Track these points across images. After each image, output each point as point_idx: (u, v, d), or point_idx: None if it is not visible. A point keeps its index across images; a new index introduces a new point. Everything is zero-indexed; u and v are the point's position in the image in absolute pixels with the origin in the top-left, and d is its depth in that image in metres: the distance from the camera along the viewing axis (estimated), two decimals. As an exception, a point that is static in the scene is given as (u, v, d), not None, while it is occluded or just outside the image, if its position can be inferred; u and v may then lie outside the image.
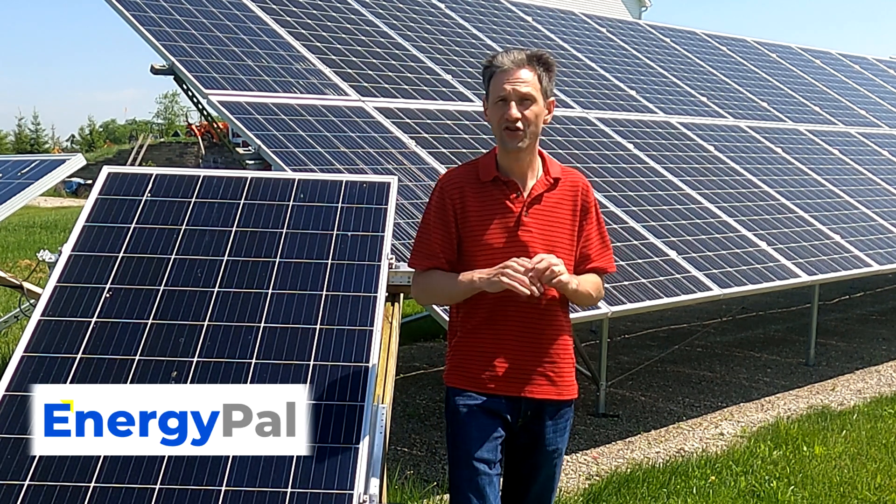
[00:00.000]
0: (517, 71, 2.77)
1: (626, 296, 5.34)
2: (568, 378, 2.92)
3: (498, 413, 2.81)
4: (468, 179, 2.87)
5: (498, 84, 2.78)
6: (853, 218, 8.12)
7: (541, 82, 2.80)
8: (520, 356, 2.81)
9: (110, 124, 61.70)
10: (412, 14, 7.96)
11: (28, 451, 2.46)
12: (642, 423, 6.07)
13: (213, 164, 30.20)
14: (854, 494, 4.75)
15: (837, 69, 12.63)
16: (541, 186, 2.86)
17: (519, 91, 2.75)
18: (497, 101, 2.78)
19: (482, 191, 2.84)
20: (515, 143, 2.79)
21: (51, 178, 4.44)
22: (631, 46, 9.79)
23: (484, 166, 2.88)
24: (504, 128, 2.78)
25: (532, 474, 2.92)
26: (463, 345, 2.86)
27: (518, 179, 2.85)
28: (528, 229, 2.80)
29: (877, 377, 7.40)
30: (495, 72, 2.79)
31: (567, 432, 2.95)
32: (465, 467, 2.80)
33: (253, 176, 3.36)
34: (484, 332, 2.82)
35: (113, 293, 2.88)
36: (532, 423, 2.86)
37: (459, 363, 2.86)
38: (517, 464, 2.93)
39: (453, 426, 2.85)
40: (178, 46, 5.81)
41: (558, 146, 6.79)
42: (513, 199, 2.83)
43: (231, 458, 2.48)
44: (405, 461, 5.22)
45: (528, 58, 2.80)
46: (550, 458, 2.90)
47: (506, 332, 2.80)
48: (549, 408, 2.87)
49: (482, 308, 2.80)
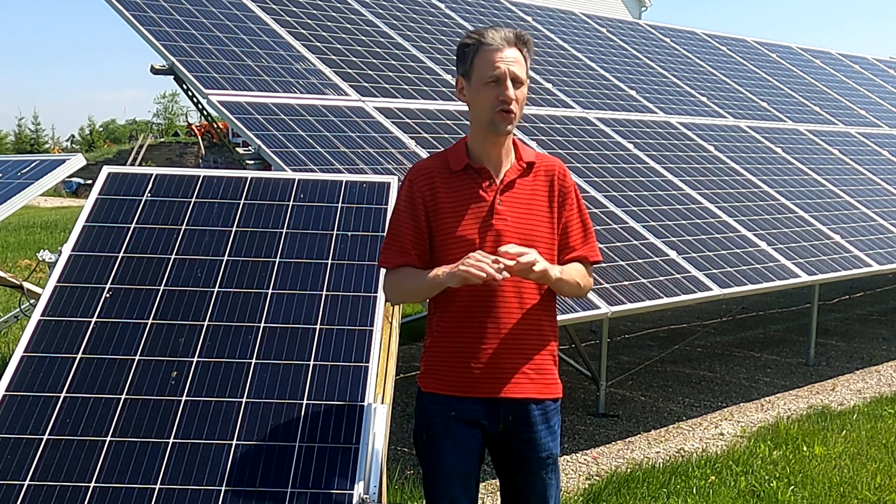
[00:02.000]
0: (507, 49, 2.61)
1: (626, 296, 5.34)
2: (550, 376, 2.74)
3: (474, 421, 2.66)
4: (438, 170, 2.71)
5: (489, 62, 2.60)
6: (853, 218, 8.12)
7: (526, 63, 2.67)
8: (497, 355, 2.63)
9: (110, 124, 61.65)
10: (412, 14, 7.96)
11: (28, 450, 2.46)
12: (642, 423, 6.07)
13: (213, 164, 30.19)
14: (854, 494, 4.75)
15: (837, 69, 12.63)
16: (514, 172, 2.70)
17: (513, 71, 2.60)
18: (489, 80, 2.60)
19: (453, 180, 2.69)
20: (506, 125, 2.63)
21: (51, 178, 4.44)
22: (631, 46, 9.79)
23: (454, 155, 2.73)
24: (499, 109, 2.60)
25: (529, 482, 2.75)
26: (437, 346, 2.70)
27: (491, 167, 2.69)
28: (502, 217, 2.65)
29: (877, 377, 7.40)
30: (483, 49, 2.61)
31: (558, 436, 2.78)
32: (443, 479, 2.67)
33: (253, 176, 3.36)
34: (458, 331, 2.65)
35: (113, 293, 2.88)
36: (522, 430, 2.70)
37: (433, 366, 2.70)
38: (512, 475, 2.77)
39: (428, 436, 2.69)
40: (178, 46, 5.81)
41: (558, 146, 6.79)
42: (485, 186, 2.66)
43: (231, 457, 2.48)
44: (405, 461, 5.22)
45: (516, 37, 2.65)
46: (544, 464, 2.73)
47: (481, 330, 2.63)
48: (534, 409, 2.69)
49: (456, 306, 2.65)
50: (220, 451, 2.50)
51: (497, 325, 2.65)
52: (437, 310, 2.71)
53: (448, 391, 2.66)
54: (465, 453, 2.66)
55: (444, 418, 2.66)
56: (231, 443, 2.52)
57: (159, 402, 2.60)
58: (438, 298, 2.68)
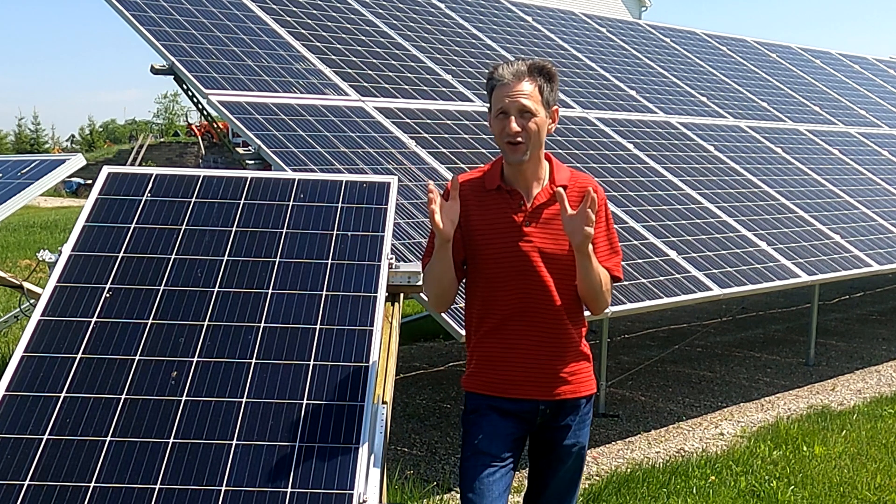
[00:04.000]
0: (517, 84, 2.77)
1: (626, 296, 5.34)
2: (583, 375, 2.94)
3: (513, 413, 2.85)
4: (473, 187, 2.88)
5: (498, 97, 2.79)
6: (853, 218, 8.12)
7: (542, 93, 2.79)
8: (536, 361, 2.84)
9: (110, 124, 61.65)
10: (412, 14, 7.96)
11: (28, 450, 2.46)
12: (642, 423, 6.07)
13: (213, 164, 30.20)
14: (854, 494, 4.75)
15: (837, 69, 12.63)
16: (544, 196, 2.85)
17: (519, 104, 2.75)
18: (498, 114, 2.79)
19: (486, 200, 2.85)
20: (517, 156, 2.79)
21: (51, 178, 4.43)
22: (631, 46, 9.79)
23: (489, 174, 2.89)
24: (505, 142, 2.79)
25: (552, 467, 2.94)
26: (479, 350, 2.90)
27: (522, 189, 2.85)
28: (529, 240, 2.81)
29: (877, 377, 7.40)
30: (496, 84, 2.80)
31: (587, 426, 2.97)
32: (471, 458, 2.84)
33: (253, 176, 3.35)
34: (498, 336, 2.85)
35: (113, 293, 2.88)
36: (552, 421, 2.90)
37: (476, 369, 2.90)
38: (537, 460, 2.98)
39: (466, 424, 2.90)
40: (178, 46, 5.81)
41: (558, 146, 6.79)
42: (515, 208, 2.83)
43: (231, 457, 2.48)
44: (405, 461, 5.22)
45: (530, 69, 2.79)
46: (570, 451, 2.92)
47: (520, 336, 2.83)
48: (568, 405, 2.89)
49: (496, 313, 2.84)
50: (220, 451, 2.50)
51: (536, 331, 2.83)
52: (475, 313, 2.90)
53: (488, 391, 2.87)
54: (497, 437, 2.83)
55: (481, 407, 2.87)
56: (231, 443, 2.52)
57: (159, 402, 2.60)
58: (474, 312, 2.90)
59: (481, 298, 2.88)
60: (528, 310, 2.82)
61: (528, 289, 2.82)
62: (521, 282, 2.81)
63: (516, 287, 2.82)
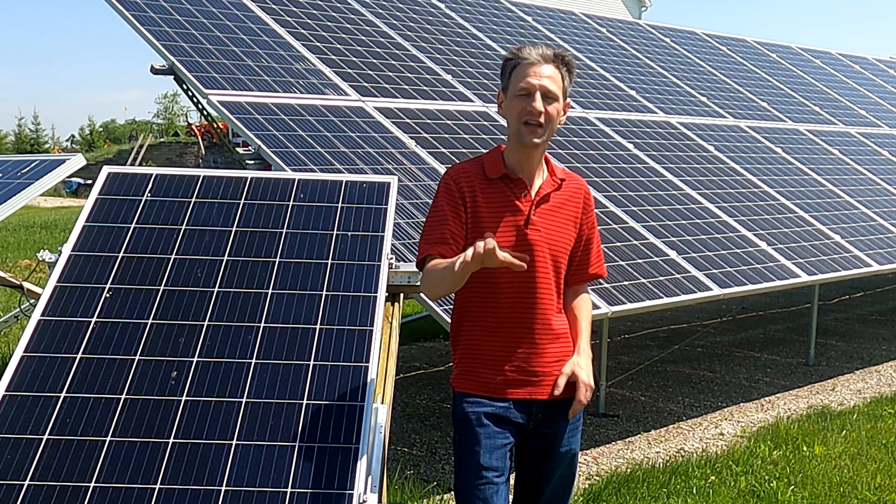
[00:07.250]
0: (543, 65, 2.73)
1: (626, 296, 5.34)
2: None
3: (507, 419, 2.77)
4: (476, 175, 2.79)
5: (522, 75, 2.71)
6: (853, 218, 8.11)
7: (563, 81, 2.78)
8: (529, 361, 2.78)
9: (110, 124, 61.65)
10: (412, 14, 7.96)
11: (28, 450, 2.46)
12: (642, 423, 6.07)
13: (213, 164, 30.20)
14: (854, 494, 4.75)
15: (837, 69, 12.63)
16: (548, 186, 2.82)
17: (544, 86, 2.71)
18: (520, 93, 2.71)
19: (490, 188, 2.78)
20: (532, 137, 2.72)
21: (51, 178, 4.43)
22: (631, 46, 9.79)
23: (490, 163, 2.81)
24: (524, 121, 2.71)
25: (546, 476, 2.88)
26: (470, 349, 2.81)
27: (526, 178, 2.80)
28: (536, 228, 2.77)
29: (877, 377, 7.40)
30: (519, 63, 2.73)
31: (579, 432, 2.91)
32: (473, 475, 2.74)
33: (253, 176, 3.35)
34: (491, 335, 2.78)
35: (113, 293, 2.88)
36: (544, 427, 2.82)
37: (467, 368, 2.81)
38: (529, 468, 2.89)
39: (461, 433, 2.80)
40: (178, 46, 5.81)
41: (558, 146, 6.79)
42: (521, 197, 2.78)
43: (231, 457, 2.48)
44: (405, 461, 5.22)
45: (555, 55, 2.77)
46: (564, 459, 2.86)
47: (514, 337, 2.77)
48: (561, 409, 2.81)
49: (489, 311, 2.77)
50: (220, 451, 2.50)
51: (528, 330, 2.78)
52: (467, 312, 2.82)
53: (481, 392, 2.78)
54: (496, 449, 2.76)
55: (478, 414, 2.77)
56: (231, 443, 2.52)
57: (159, 402, 2.60)
58: (469, 306, 2.81)
59: (482, 294, 2.78)
60: (528, 304, 2.76)
61: (530, 281, 2.75)
62: (525, 273, 2.68)
63: (518, 278, 2.73)
